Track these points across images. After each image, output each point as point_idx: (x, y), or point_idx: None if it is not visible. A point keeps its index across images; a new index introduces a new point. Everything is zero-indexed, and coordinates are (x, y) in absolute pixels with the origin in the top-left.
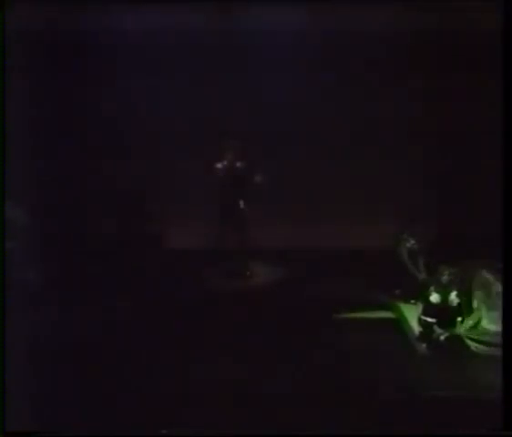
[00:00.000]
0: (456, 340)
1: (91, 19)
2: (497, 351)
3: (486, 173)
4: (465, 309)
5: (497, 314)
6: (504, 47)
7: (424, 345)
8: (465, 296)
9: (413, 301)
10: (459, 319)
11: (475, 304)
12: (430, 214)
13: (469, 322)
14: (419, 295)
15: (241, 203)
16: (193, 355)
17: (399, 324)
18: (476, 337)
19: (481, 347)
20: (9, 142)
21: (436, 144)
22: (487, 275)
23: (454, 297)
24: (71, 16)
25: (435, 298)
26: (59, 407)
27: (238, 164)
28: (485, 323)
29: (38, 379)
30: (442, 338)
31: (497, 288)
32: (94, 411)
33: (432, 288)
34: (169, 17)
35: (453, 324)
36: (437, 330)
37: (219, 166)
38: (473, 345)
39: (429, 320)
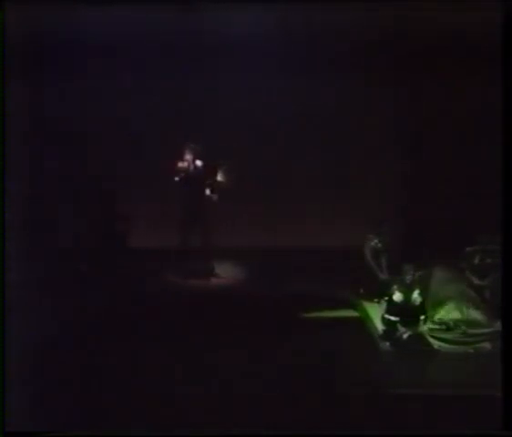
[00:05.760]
0: (419, 338)
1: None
2: (460, 349)
3: (451, 173)
4: (427, 307)
5: (459, 312)
6: (504, 47)
7: (387, 343)
8: (428, 295)
9: (376, 300)
10: (422, 317)
11: (437, 303)
12: (394, 214)
13: (432, 321)
14: (382, 294)
15: (204, 203)
16: (156, 354)
17: (363, 322)
18: (438, 335)
19: (443, 345)
20: None
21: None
22: (449, 274)
23: (416, 295)
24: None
25: (398, 296)
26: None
27: (201, 164)
28: (447, 322)
29: None
30: (405, 336)
31: (459, 286)
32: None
33: (395, 287)
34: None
35: (415, 322)
36: (400, 328)
37: (182, 166)
38: (435, 343)
39: (392, 318)
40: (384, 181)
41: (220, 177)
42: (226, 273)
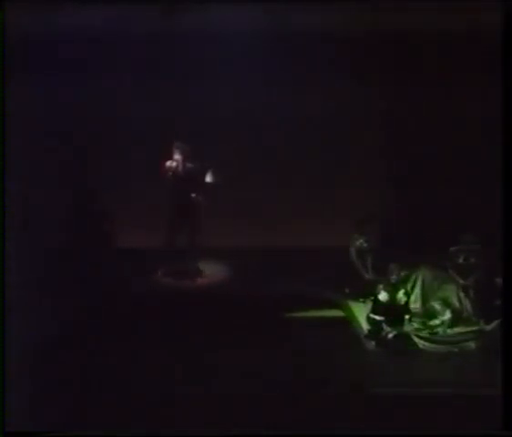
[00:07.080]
0: (404, 338)
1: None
2: (444, 348)
3: (436, 174)
4: (412, 307)
5: (444, 312)
6: (504, 47)
7: (372, 343)
8: (413, 294)
9: (362, 300)
10: (407, 317)
11: (422, 302)
12: (379, 214)
13: (417, 320)
14: (368, 294)
15: (192, 203)
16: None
17: (349, 322)
18: (423, 334)
19: (428, 344)
20: None
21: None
22: (434, 274)
23: (402, 295)
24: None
25: (383, 296)
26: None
27: (188, 165)
28: (432, 321)
29: None
30: (390, 336)
31: (444, 286)
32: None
33: (380, 286)
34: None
35: (400, 322)
36: (385, 327)
37: (169, 166)
38: (420, 342)
39: (377, 318)
40: (370, 181)
41: (209, 178)
42: (214, 272)
